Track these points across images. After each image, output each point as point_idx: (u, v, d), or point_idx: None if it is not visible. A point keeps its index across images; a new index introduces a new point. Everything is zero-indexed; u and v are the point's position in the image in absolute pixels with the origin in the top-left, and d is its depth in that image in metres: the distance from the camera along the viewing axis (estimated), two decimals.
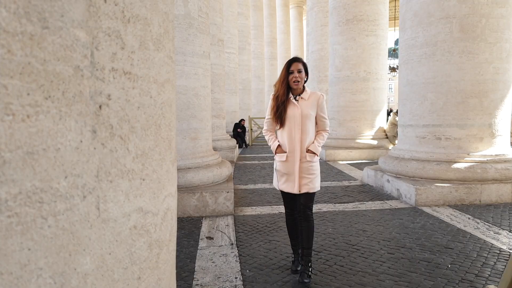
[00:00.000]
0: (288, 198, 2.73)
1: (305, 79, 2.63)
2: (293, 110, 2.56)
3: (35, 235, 0.50)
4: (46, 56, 0.50)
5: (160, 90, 0.80)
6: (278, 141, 2.68)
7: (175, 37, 4.42)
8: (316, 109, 2.61)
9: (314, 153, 2.60)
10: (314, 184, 2.61)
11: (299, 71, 2.55)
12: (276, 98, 2.60)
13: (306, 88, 2.65)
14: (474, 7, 4.73)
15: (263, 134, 2.79)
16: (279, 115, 2.58)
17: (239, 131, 12.47)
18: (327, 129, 2.69)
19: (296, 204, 2.71)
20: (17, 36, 0.47)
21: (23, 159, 0.48)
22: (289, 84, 2.57)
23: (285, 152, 2.62)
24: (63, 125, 0.53)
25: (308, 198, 2.62)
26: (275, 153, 2.68)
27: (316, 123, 2.68)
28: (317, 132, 2.69)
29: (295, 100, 2.59)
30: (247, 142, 13.47)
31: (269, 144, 2.74)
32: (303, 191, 2.58)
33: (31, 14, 0.48)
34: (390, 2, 20.51)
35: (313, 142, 2.62)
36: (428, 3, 4.98)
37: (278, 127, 2.64)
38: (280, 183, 2.69)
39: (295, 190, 2.59)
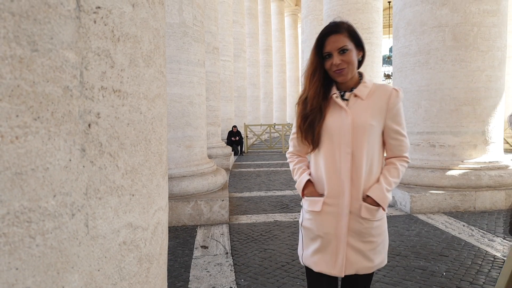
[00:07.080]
0: (318, 281, 1.45)
1: (360, 60, 1.48)
2: (337, 118, 1.38)
3: (23, 255, 0.51)
4: (35, 78, 0.51)
5: (150, 105, 0.81)
6: (309, 175, 1.49)
7: (170, 46, 4.48)
8: (385, 116, 1.40)
9: (378, 204, 1.37)
10: (375, 258, 1.42)
11: (342, 51, 1.36)
12: (303, 102, 1.44)
13: (365, 78, 1.48)
14: (466, 16, 4.80)
15: (288, 160, 1.61)
16: (309, 125, 1.41)
17: (236, 139, 12.46)
18: (406, 155, 1.45)
19: None
20: (7, 60, 0.48)
21: (11, 179, 0.49)
22: (329, 74, 1.41)
23: (321, 196, 1.43)
24: (52, 145, 0.54)
25: (365, 281, 1.48)
26: (303, 195, 1.49)
27: (383, 143, 1.45)
28: (387, 160, 1.47)
29: (343, 99, 1.42)
30: (243, 149, 13.48)
31: (294, 179, 1.54)
32: (351, 272, 1.40)
33: (21, 38, 0.50)
34: (384, 9, 20.73)
35: (377, 181, 1.40)
36: (421, 12, 5.05)
37: (310, 150, 1.46)
38: (306, 253, 1.47)
39: (335, 271, 1.39)
